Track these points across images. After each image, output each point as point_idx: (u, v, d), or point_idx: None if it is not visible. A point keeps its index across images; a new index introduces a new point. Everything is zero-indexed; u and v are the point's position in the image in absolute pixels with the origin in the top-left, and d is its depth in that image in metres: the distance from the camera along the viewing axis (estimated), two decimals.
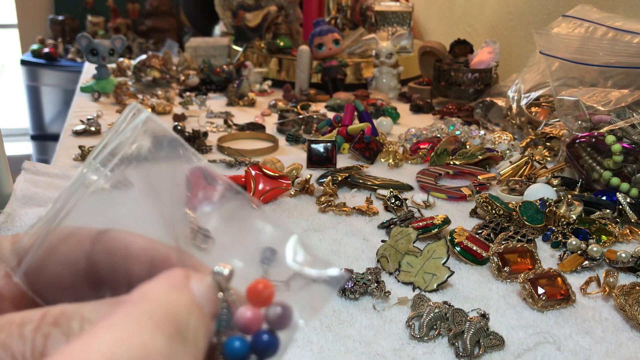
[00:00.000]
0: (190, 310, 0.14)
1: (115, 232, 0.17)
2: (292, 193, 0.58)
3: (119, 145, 0.16)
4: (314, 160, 0.67)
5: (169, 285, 0.14)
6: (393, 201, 0.55)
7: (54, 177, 0.59)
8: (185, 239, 0.17)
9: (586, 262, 0.45)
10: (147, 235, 0.17)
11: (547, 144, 0.71)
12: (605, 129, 0.57)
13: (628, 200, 0.52)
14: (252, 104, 0.98)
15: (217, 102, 0.99)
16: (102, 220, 0.17)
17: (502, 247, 0.44)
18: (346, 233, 0.50)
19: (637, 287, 0.40)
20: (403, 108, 0.96)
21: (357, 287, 0.40)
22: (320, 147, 0.67)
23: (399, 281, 0.42)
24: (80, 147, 0.68)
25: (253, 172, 0.56)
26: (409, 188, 0.61)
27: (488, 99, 0.86)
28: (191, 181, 0.18)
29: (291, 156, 0.72)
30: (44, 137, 1.99)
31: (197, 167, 0.18)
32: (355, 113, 0.78)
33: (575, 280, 0.43)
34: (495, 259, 0.43)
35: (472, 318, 0.36)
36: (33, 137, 2.02)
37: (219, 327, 0.15)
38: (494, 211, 0.52)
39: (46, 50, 1.85)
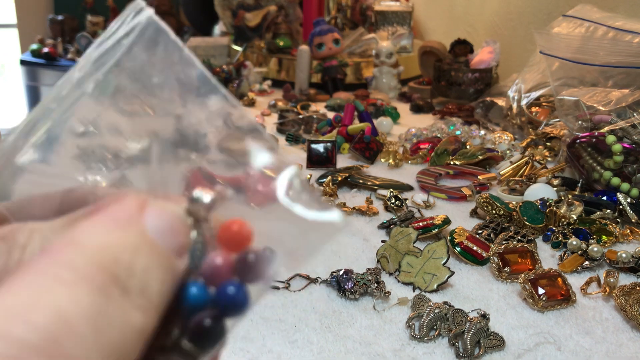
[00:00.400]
0: (136, 251, 0.11)
1: (80, 191, 0.15)
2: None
3: (112, 47, 0.14)
4: (314, 160, 0.67)
5: (109, 223, 0.11)
6: (393, 201, 0.55)
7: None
8: None
9: (586, 262, 0.45)
10: None
11: (548, 144, 0.71)
12: (606, 129, 0.57)
13: (628, 200, 0.52)
14: (252, 103, 0.98)
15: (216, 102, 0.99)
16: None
17: (503, 247, 0.44)
18: (346, 233, 0.50)
19: (638, 288, 0.40)
20: (403, 108, 0.96)
21: (357, 287, 0.40)
22: (320, 147, 0.67)
23: (399, 281, 0.42)
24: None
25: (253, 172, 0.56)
26: (409, 188, 0.61)
27: (488, 98, 0.86)
28: (190, 181, 0.18)
29: (291, 156, 0.71)
30: None
31: (197, 167, 0.17)
32: (355, 113, 0.78)
33: (575, 281, 0.42)
34: (496, 259, 0.43)
35: (472, 318, 0.35)
36: None
37: (192, 259, 0.12)
38: (494, 211, 0.52)
39: (46, 50, 1.85)
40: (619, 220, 0.53)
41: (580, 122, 0.60)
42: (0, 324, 0.09)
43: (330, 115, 0.88)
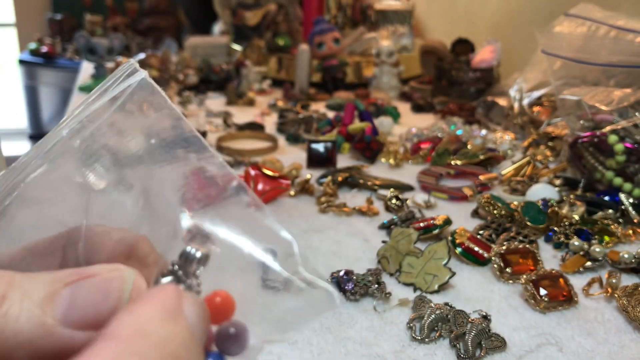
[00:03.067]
0: (188, 347, 0.12)
1: (84, 227, 0.16)
2: (292, 193, 0.57)
3: (104, 105, 0.14)
4: (314, 160, 0.66)
5: (163, 313, 0.12)
6: (394, 201, 0.54)
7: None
8: (181, 240, 0.17)
9: (589, 263, 0.44)
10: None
11: (549, 143, 0.71)
12: (608, 128, 0.56)
13: (631, 200, 0.52)
14: (251, 103, 0.97)
15: (216, 102, 0.99)
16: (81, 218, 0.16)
17: (504, 247, 0.44)
18: (346, 234, 0.50)
19: None
20: (404, 107, 0.95)
21: (357, 288, 0.39)
22: (320, 147, 0.67)
23: (399, 282, 0.42)
24: None
25: (252, 172, 0.56)
26: (410, 188, 0.61)
27: (490, 98, 0.85)
28: (191, 182, 0.17)
29: (291, 156, 0.71)
30: (42, 137, 1.98)
31: (197, 167, 0.17)
32: (356, 112, 0.78)
33: (577, 281, 0.42)
34: (497, 260, 0.43)
35: (473, 319, 0.35)
36: (31, 137, 2.01)
37: None
38: (495, 211, 0.52)
39: (44, 49, 1.85)
40: (621, 220, 0.52)
41: (582, 121, 0.60)
42: None
43: (331, 114, 0.87)
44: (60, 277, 0.13)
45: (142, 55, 1.07)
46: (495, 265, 0.43)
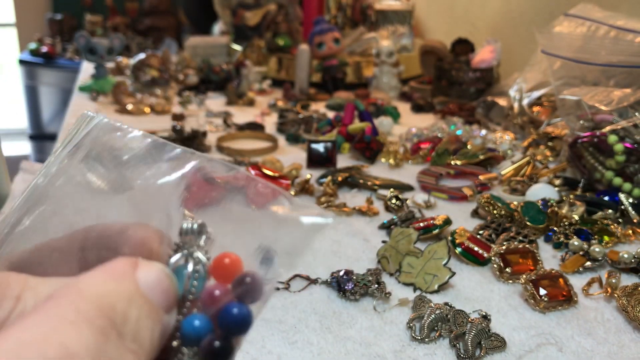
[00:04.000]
0: (130, 301, 0.13)
1: (99, 225, 0.16)
2: (292, 193, 0.57)
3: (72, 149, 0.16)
4: (314, 160, 0.67)
5: (107, 275, 0.13)
6: (394, 201, 0.54)
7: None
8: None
9: (588, 262, 0.44)
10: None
11: (549, 143, 0.71)
12: (608, 128, 0.56)
13: (630, 200, 0.52)
14: (251, 103, 0.98)
15: (216, 102, 0.99)
16: (85, 220, 0.17)
17: (504, 247, 0.44)
18: (346, 234, 0.50)
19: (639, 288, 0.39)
20: (404, 107, 0.96)
21: (357, 288, 0.39)
22: (320, 147, 0.67)
23: (399, 282, 0.42)
24: None
25: (252, 172, 0.56)
26: (410, 188, 0.61)
27: (489, 98, 0.85)
28: (190, 181, 0.18)
29: (291, 156, 0.71)
30: (42, 137, 1.98)
31: (198, 168, 0.17)
32: (356, 112, 0.78)
33: (577, 281, 0.42)
34: (497, 260, 0.43)
35: (473, 319, 0.35)
36: (31, 137, 2.01)
37: (190, 289, 0.14)
38: (495, 211, 0.52)
39: (44, 49, 1.85)
40: (620, 220, 0.52)
41: (581, 121, 0.60)
42: (15, 354, 0.10)
43: (331, 114, 0.88)
44: (66, 281, 0.13)
45: (142, 56, 1.07)
46: (495, 265, 0.43)
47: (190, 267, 0.14)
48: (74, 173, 0.16)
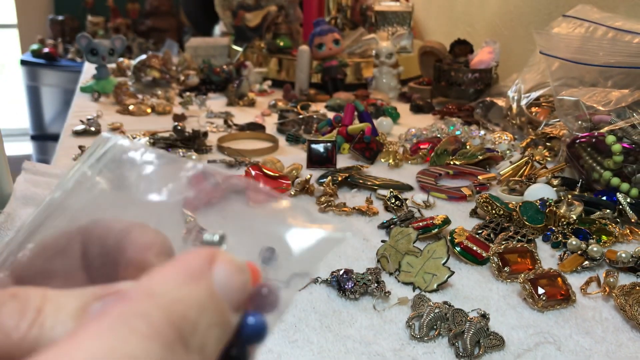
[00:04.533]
0: (202, 308, 0.12)
1: (100, 220, 0.16)
2: (292, 193, 0.58)
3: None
4: (314, 160, 0.67)
5: (182, 275, 0.12)
6: (393, 201, 0.55)
7: (54, 177, 0.59)
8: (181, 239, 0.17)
9: (586, 262, 0.45)
10: None
11: (548, 144, 0.71)
12: (606, 129, 0.57)
13: (628, 200, 0.52)
14: (252, 104, 0.98)
15: (217, 102, 0.99)
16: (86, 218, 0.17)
17: (502, 247, 0.44)
18: (343, 226, 0.50)
19: (638, 287, 0.40)
20: (403, 108, 0.96)
21: (357, 287, 0.40)
22: (320, 147, 0.67)
23: (399, 281, 0.42)
24: (80, 147, 0.68)
25: (253, 172, 0.56)
26: (409, 188, 0.61)
27: (488, 99, 0.86)
28: (191, 181, 0.18)
29: (291, 156, 0.72)
30: (44, 137, 1.99)
31: (199, 170, 0.18)
32: (355, 113, 0.78)
33: (575, 281, 0.42)
34: (496, 259, 0.43)
35: (472, 318, 0.35)
36: (33, 137, 2.02)
37: None
38: (494, 211, 0.52)
39: (46, 50, 1.85)
40: (618, 220, 0.53)
41: (580, 122, 0.61)
42: None
43: (330, 115, 0.88)
44: (91, 292, 0.13)
45: (143, 56, 1.07)
46: (493, 265, 0.43)
47: None
48: (91, 187, 0.17)
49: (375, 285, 0.40)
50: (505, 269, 0.43)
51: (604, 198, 0.54)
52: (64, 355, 0.10)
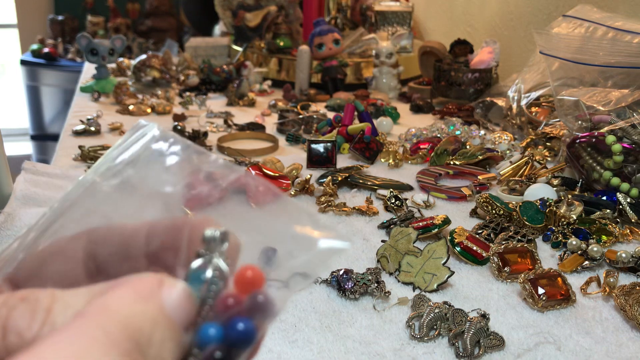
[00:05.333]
0: (155, 323, 0.13)
1: (110, 224, 0.17)
2: (292, 193, 0.58)
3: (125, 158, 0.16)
4: (314, 160, 0.67)
5: (134, 295, 0.13)
6: (393, 201, 0.55)
7: (54, 177, 0.59)
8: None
9: (586, 262, 0.45)
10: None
11: (548, 144, 0.71)
12: (606, 129, 0.57)
13: (628, 200, 0.52)
14: (252, 104, 0.98)
15: (217, 102, 0.99)
16: (98, 220, 0.17)
17: (502, 247, 0.44)
18: (346, 233, 0.50)
19: (638, 287, 0.40)
20: (403, 108, 0.96)
21: (357, 287, 0.40)
22: (320, 147, 0.67)
23: (399, 281, 0.42)
24: (80, 147, 0.68)
25: (253, 172, 0.56)
26: (409, 188, 0.61)
27: (488, 98, 0.86)
28: (191, 181, 0.18)
29: (291, 156, 0.72)
30: (44, 137, 1.99)
31: (198, 168, 0.18)
32: (355, 113, 0.78)
33: (575, 281, 0.42)
34: (496, 259, 0.43)
35: (472, 318, 0.35)
36: (33, 137, 2.02)
37: (208, 296, 0.14)
38: (494, 211, 0.52)
39: (46, 50, 1.85)
40: (618, 220, 0.53)
41: (580, 122, 0.61)
42: None
43: (330, 115, 0.88)
44: (97, 289, 0.14)
45: (143, 56, 1.07)
46: (493, 265, 0.43)
47: (209, 273, 0.14)
48: (115, 177, 0.17)
49: (375, 285, 0.40)
50: (505, 269, 0.43)
51: (604, 198, 0.54)
52: None
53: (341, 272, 0.41)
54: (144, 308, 0.13)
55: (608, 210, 0.52)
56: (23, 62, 1.89)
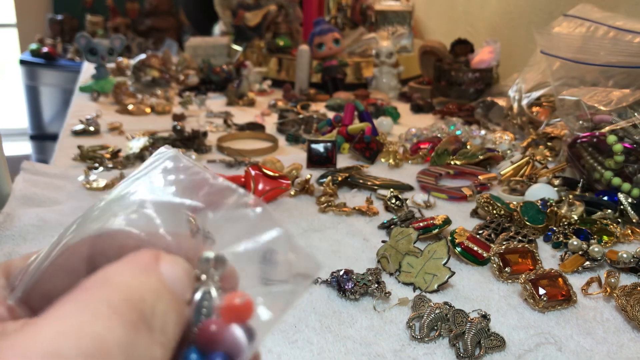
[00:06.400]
0: (158, 294, 0.13)
1: (110, 233, 0.16)
2: (292, 193, 0.57)
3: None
4: (314, 160, 0.67)
5: (134, 267, 0.13)
6: (393, 201, 0.55)
7: (53, 177, 0.59)
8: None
9: (587, 262, 0.45)
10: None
11: (549, 143, 0.71)
12: (607, 128, 0.57)
13: (629, 200, 0.52)
14: (251, 103, 0.98)
15: (216, 102, 0.99)
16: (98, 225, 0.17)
17: (503, 247, 0.44)
18: (346, 233, 0.50)
19: (639, 288, 0.40)
20: (403, 108, 0.96)
21: (357, 287, 0.39)
22: (320, 147, 0.67)
23: (399, 282, 0.42)
24: (79, 147, 0.68)
25: (253, 172, 0.56)
26: (410, 188, 0.61)
27: (489, 98, 0.85)
28: (192, 183, 0.18)
29: (291, 156, 0.71)
30: (43, 137, 1.98)
31: (201, 177, 0.17)
32: (356, 113, 0.78)
33: (576, 281, 0.42)
34: (496, 260, 0.43)
35: (472, 319, 0.35)
36: (32, 137, 2.01)
37: (197, 319, 0.14)
38: (494, 211, 0.52)
39: (45, 49, 1.85)
40: (619, 220, 0.52)
41: (581, 122, 0.60)
42: (53, 344, 0.11)
43: (330, 115, 0.88)
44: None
45: (142, 56, 1.07)
46: (494, 265, 0.43)
47: (198, 295, 0.14)
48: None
49: (376, 285, 0.40)
50: (506, 269, 0.43)
51: (605, 198, 0.54)
52: (31, 337, 0.11)
53: (341, 273, 0.41)
54: (145, 280, 0.13)
55: (609, 211, 0.52)
56: (22, 62, 1.89)
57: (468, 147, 0.69)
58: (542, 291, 0.39)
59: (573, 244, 0.46)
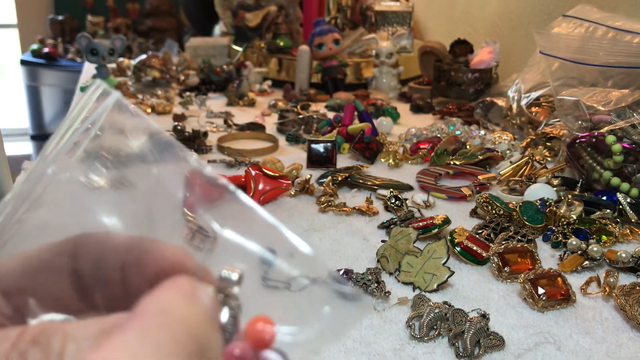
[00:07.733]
0: (206, 323, 0.12)
1: (93, 234, 0.16)
2: (292, 193, 0.58)
3: (85, 133, 0.15)
4: (314, 160, 0.67)
5: (182, 295, 0.12)
6: (393, 201, 0.55)
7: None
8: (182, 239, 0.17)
9: (586, 262, 0.45)
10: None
11: (548, 144, 0.71)
12: (606, 129, 0.57)
13: (628, 200, 0.52)
14: (252, 103, 0.98)
15: (217, 102, 0.99)
16: (84, 219, 0.16)
17: (503, 247, 0.44)
18: (346, 233, 0.50)
19: (638, 287, 0.40)
20: (403, 108, 0.96)
21: (357, 287, 0.40)
22: (320, 147, 0.67)
23: (399, 281, 0.42)
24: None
25: (253, 172, 0.56)
26: (409, 188, 0.61)
27: (488, 98, 0.86)
28: (190, 181, 0.18)
29: (291, 156, 0.72)
30: (44, 137, 1.99)
31: (196, 168, 0.17)
32: (355, 113, 0.78)
33: (575, 281, 0.42)
34: (496, 259, 0.43)
35: (472, 318, 0.35)
36: (33, 137, 2.02)
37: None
38: (494, 211, 0.52)
39: (46, 50, 1.85)
40: (618, 220, 0.53)
41: (580, 122, 0.61)
42: None
43: (330, 115, 0.88)
44: (110, 321, 0.13)
45: (143, 56, 1.07)
46: (493, 265, 0.43)
47: (224, 317, 0.14)
48: (73, 172, 0.16)
49: (375, 285, 0.40)
50: (505, 269, 0.43)
51: (604, 198, 0.54)
52: None
53: (341, 272, 0.41)
54: (196, 309, 0.12)
55: (608, 210, 0.52)
56: (23, 62, 1.89)
57: (467, 147, 0.70)
58: (541, 291, 0.39)
59: (572, 244, 0.46)
